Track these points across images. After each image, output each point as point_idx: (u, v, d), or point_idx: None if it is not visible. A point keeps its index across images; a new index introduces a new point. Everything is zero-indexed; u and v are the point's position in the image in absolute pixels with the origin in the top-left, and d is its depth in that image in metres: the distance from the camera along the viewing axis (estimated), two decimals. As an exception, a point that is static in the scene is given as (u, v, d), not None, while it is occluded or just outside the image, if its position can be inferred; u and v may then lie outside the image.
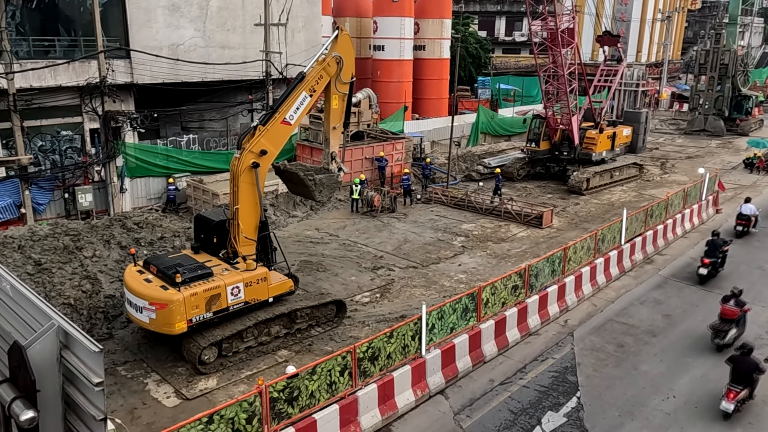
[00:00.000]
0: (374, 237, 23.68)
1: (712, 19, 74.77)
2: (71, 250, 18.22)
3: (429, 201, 28.42)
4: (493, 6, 71.66)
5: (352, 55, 17.04)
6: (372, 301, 18.10)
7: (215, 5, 27.71)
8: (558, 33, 28.11)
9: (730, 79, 48.39)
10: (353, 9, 48.80)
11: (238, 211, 15.04)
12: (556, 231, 24.81)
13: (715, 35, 49.15)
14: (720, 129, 48.19)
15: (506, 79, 55.93)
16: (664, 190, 29.06)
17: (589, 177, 30.47)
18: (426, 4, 46.82)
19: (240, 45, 28.72)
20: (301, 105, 15.74)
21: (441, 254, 21.99)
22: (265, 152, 15.07)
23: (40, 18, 23.82)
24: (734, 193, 30.88)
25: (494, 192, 27.83)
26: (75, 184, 24.69)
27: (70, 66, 23.67)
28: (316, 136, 29.00)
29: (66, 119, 24.59)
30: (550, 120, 31.11)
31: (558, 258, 17.88)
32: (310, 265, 20.38)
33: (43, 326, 4.90)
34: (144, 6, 25.58)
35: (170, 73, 26.07)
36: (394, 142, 31.10)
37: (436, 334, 13.95)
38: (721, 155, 41.10)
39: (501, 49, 69.11)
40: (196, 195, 25.52)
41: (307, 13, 31.36)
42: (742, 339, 15.10)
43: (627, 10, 60.57)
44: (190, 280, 13.95)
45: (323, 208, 26.51)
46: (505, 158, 34.91)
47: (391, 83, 43.58)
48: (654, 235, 22.49)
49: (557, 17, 27.85)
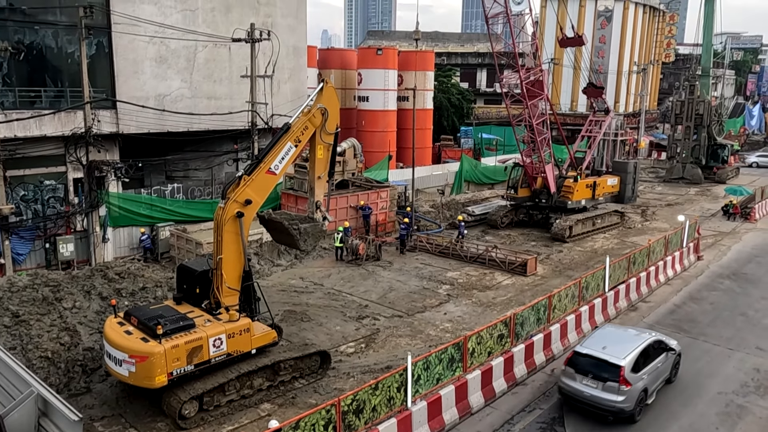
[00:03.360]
0: (359, 285, 23.55)
1: (685, 71, 77.29)
2: (50, 301, 17.86)
3: (414, 249, 28.46)
4: (474, 59, 73.64)
5: (336, 106, 17.32)
6: (357, 352, 17.87)
7: (202, 57, 28.20)
8: (524, 85, 28.97)
9: (705, 129, 49.82)
10: (338, 61, 49.96)
11: (221, 260, 14.94)
12: (540, 278, 24.87)
13: (689, 86, 50.83)
14: (698, 177, 49.28)
15: (488, 129, 57.01)
16: (646, 237, 29.42)
17: (571, 225, 30.80)
18: (409, 57, 48.08)
19: (226, 95, 29.12)
20: (286, 155, 15.88)
21: (426, 303, 21.88)
22: (250, 202, 15.10)
23: (27, 69, 24.03)
24: (714, 240, 31.32)
25: (457, 236, 28.79)
26: (56, 233, 24.44)
27: (56, 116, 23.77)
28: (301, 185, 29.15)
29: (50, 169, 24.52)
30: (528, 168, 31.68)
31: (543, 306, 17.88)
32: (294, 314, 20.15)
33: (22, 393, 4.77)
34: (132, 58, 25.95)
35: (156, 123, 26.27)
36: (378, 190, 31.33)
37: (422, 385, 13.76)
38: (700, 202, 41.86)
39: (483, 99, 70.72)
40: (180, 244, 25.33)
41: (293, 65, 32.01)
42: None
43: (604, 63, 62.51)
44: (172, 331, 13.72)
45: (308, 257, 26.41)
46: (488, 206, 35.27)
47: (376, 133, 44.27)
48: (637, 283, 22.63)
49: (521, 71, 28.75)
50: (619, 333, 15.93)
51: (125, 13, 24.86)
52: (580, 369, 14.50)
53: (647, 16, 69.15)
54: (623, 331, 16.18)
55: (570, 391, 14.60)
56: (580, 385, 14.38)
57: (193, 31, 27.02)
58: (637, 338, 15.21)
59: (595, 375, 14.18)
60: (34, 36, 23.88)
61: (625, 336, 15.50)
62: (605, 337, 15.31)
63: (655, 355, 15.11)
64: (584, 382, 14.32)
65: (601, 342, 14.97)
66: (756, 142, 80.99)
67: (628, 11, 64.40)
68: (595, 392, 14.12)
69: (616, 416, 14.09)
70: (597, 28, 63.39)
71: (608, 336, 15.46)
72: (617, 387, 13.83)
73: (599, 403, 14.09)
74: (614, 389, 13.87)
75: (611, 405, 13.95)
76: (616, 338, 15.28)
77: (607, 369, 14.07)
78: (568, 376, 14.72)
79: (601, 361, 14.24)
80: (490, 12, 28.01)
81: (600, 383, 14.07)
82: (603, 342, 14.95)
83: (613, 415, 14.08)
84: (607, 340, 15.06)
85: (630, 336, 15.47)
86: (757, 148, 75.50)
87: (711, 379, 16.50)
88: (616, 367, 13.99)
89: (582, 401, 14.42)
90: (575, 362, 14.67)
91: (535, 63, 29.87)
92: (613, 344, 14.79)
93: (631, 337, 15.38)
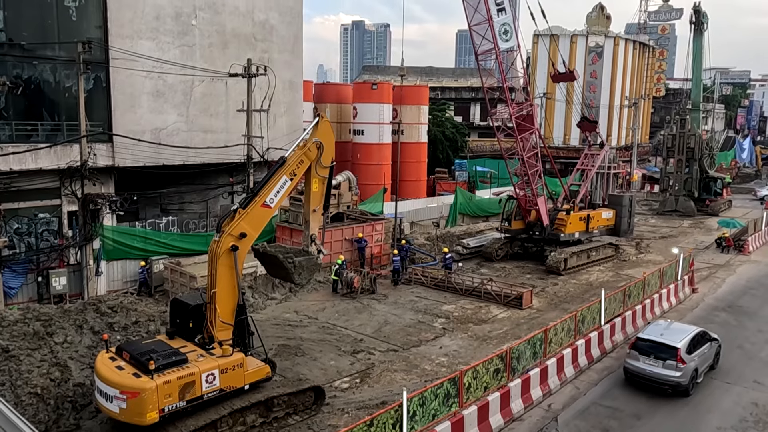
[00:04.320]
0: (354, 319, 23.39)
1: (676, 105, 78.64)
2: (41, 335, 17.64)
3: (409, 282, 28.37)
4: (468, 93, 74.69)
5: (332, 140, 17.46)
6: (351, 387, 17.64)
7: (199, 91, 28.50)
8: (515, 119, 29.36)
9: (697, 162, 50.37)
10: (334, 95, 50.61)
11: (215, 294, 14.84)
12: (536, 312, 24.77)
13: (680, 120, 51.51)
14: (691, 209, 49.61)
15: (482, 162, 57.52)
16: (641, 269, 29.43)
17: (566, 257, 30.83)
18: (404, 91, 48.72)
19: (222, 129, 29.34)
20: (281, 188, 15.93)
21: (422, 336, 21.72)
22: (245, 235, 15.08)
23: (24, 103, 24.20)
24: (709, 273, 31.36)
25: (444, 268, 28.90)
26: (49, 267, 24.29)
27: (52, 149, 23.86)
28: (296, 218, 29.16)
29: (44, 202, 24.51)
30: (522, 200, 31.87)
31: (539, 340, 17.77)
32: (289, 349, 19.94)
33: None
34: (129, 92, 26.20)
35: (152, 156, 26.40)
36: (373, 223, 31.37)
37: (417, 421, 13.56)
38: (693, 235, 42.04)
39: (477, 133, 71.49)
40: (173, 278, 25.18)
41: (289, 99, 32.36)
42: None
43: (596, 97, 63.52)
44: (164, 367, 13.54)
45: (302, 290, 26.26)
46: (483, 239, 35.33)
47: (371, 166, 44.54)
48: (633, 316, 22.55)
49: (512, 105, 29.17)
50: (671, 325, 19.11)
51: (123, 49, 25.20)
52: (643, 351, 17.45)
53: (637, 51, 70.57)
54: (674, 324, 19.37)
55: (634, 370, 17.56)
56: (643, 364, 17.34)
57: (190, 66, 27.35)
58: (686, 329, 18.52)
59: (656, 355, 17.16)
60: (33, 71, 24.14)
61: (677, 327, 18.77)
62: (660, 328, 18.46)
63: (702, 343, 18.08)
64: (647, 362, 17.29)
65: (658, 331, 18.12)
66: (747, 174, 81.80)
67: (619, 47, 65.75)
68: (657, 370, 17.08)
69: (674, 389, 16.93)
70: (588, 64, 64.61)
71: (662, 327, 18.63)
72: (675, 365, 16.85)
73: (660, 378, 17.00)
74: (673, 366, 16.89)
75: (670, 380, 16.91)
76: (669, 329, 18.47)
77: (665, 350, 17.06)
78: (632, 357, 17.67)
79: (661, 344, 17.26)
80: (480, 49, 28.60)
81: (660, 362, 17.03)
82: (659, 331, 18.10)
83: (672, 389, 16.94)
84: (663, 330, 18.23)
85: (681, 327, 18.88)
86: (748, 181, 76.29)
87: (709, 414, 16.33)
88: (673, 348, 17.00)
89: (645, 378, 17.31)
90: (638, 346, 17.67)
91: (526, 97, 30.30)
92: (668, 332, 17.99)
93: (681, 328, 18.75)
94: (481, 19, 27.92)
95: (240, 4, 29.77)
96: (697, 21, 57.32)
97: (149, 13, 26.52)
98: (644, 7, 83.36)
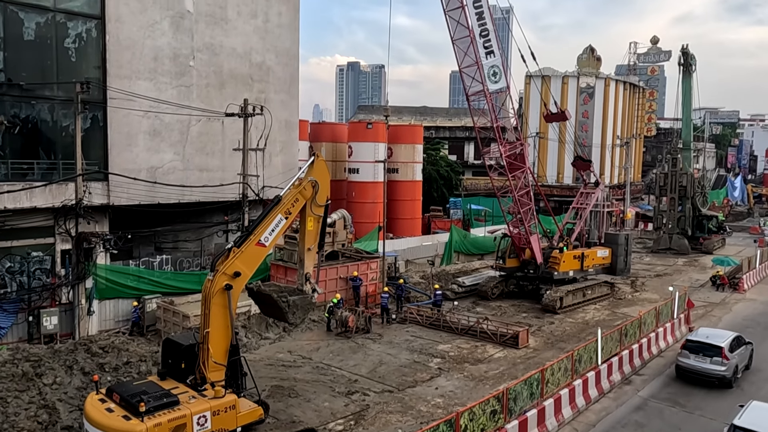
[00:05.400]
0: (349, 359, 23.11)
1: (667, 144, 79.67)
2: (30, 377, 17.35)
3: (404, 321, 28.15)
4: (461, 132, 75.59)
5: (327, 179, 17.57)
6: (346, 429, 17.31)
7: (196, 131, 28.73)
8: (506, 158, 29.66)
9: (689, 200, 50.79)
10: (329, 134, 51.14)
11: (208, 334, 14.69)
12: (532, 351, 24.55)
13: (671, 159, 52.17)
14: (685, 247, 49.78)
15: (477, 200, 57.77)
16: (637, 308, 29.33)
17: (562, 296, 30.72)
18: (399, 130, 49.27)
19: (218, 168, 29.47)
20: (276, 227, 15.96)
21: (417, 377, 21.44)
22: (239, 274, 15.02)
23: (21, 141, 24.26)
24: (705, 311, 31.27)
25: (433, 305, 29.10)
26: (41, 306, 24.01)
27: (47, 188, 23.86)
28: (290, 256, 29.06)
29: (38, 240, 24.38)
30: (516, 238, 31.92)
31: (536, 380, 17.57)
32: (282, 390, 19.62)
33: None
34: (126, 131, 26.38)
35: (147, 194, 26.42)
36: (368, 261, 31.29)
37: (413, 464, 13.28)
38: (688, 273, 42.06)
39: (471, 171, 72.04)
40: (166, 317, 24.91)
41: (285, 138, 32.63)
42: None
43: (588, 137, 64.34)
44: (155, 409, 13.29)
45: (296, 330, 25.99)
46: (478, 277, 35.23)
47: (366, 204, 44.64)
48: (630, 355, 22.37)
49: (503, 144, 29.52)
50: (713, 330, 23.28)
51: (121, 89, 25.48)
52: (693, 350, 21.15)
53: (628, 92, 71.90)
54: (716, 330, 23.61)
55: (686, 366, 21.21)
56: (693, 361, 21.04)
57: (187, 106, 27.64)
58: (726, 333, 22.30)
59: (704, 353, 20.80)
60: (31, 110, 24.31)
61: (719, 332, 22.67)
62: (705, 332, 22.29)
63: (739, 345, 21.64)
64: (696, 359, 20.96)
65: (704, 334, 21.95)
66: (740, 213, 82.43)
67: (609, 88, 66.97)
68: (705, 365, 20.73)
69: (720, 382, 20.51)
70: (580, 104, 65.68)
71: (707, 332, 22.45)
72: (720, 360, 20.48)
73: (707, 372, 20.65)
74: (719, 362, 20.53)
75: (716, 373, 20.53)
76: (713, 333, 22.25)
77: (712, 349, 20.75)
78: (684, 356, 21.38)
79: (708, 344, 20.93)
80: (470, 90, 29.11)
81: (708, 359, 20.67)
82: (705, 334, 21.92)
83: (718, 381, 20.51)
84: (708, 334, 21.97)
85: (721, 332, 22.69)
86: (741, 219, 76.82)
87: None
88: (718, 347, 20.68)
89: (695, 372, 20.99)
90: (688, 347, 21.44)
91: (517, 137, 30.67)
92: (712, 335, 21.76)
93: (722, 332, 22.51)
94: (471, 62, 28.51)
95: (238, 45, 30.29)
96: (685, 63, 58.65)
97: (148, 55, 26.91)
98: (633, 50, 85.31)
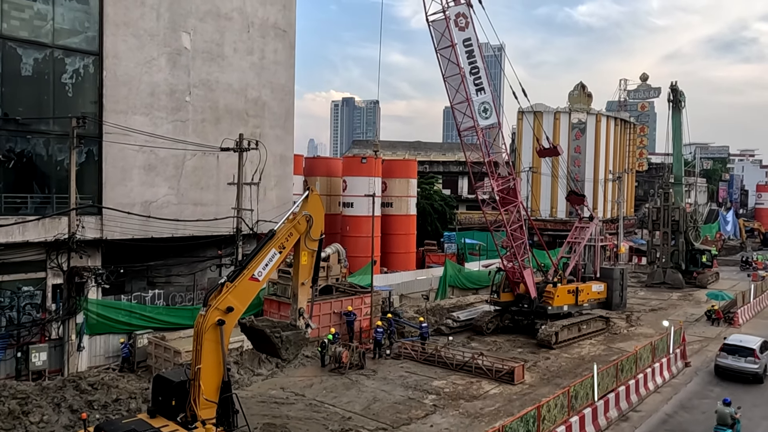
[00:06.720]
0: (342, 396, 22.77)
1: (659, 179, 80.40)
2: (17, 415, 17.01)
3: (399, 356, 27.85)
4: (455, 167, 76.15)
5: (321, 213, 17.58)
6: (339, 468, 16.95)
7: (191, 165, 28.82)
8: (498, 193, 29.85)
9: (682, 234, 51.00)
10: (324, 169, 51.47)
11: (199, 371, 14.46)
12: (528, 387, 24.27)
13: (663, 194, 52.59)
14: (679, 282, 49.79)
15: (471, 234, 57.86)
16: (632, 343, 29.16)
17: (557, 330, 30.52)
18: (393, 165, 49.68)
19: (213, 202, 29.49)
20: (270, 261, 15.88)
21: (412, 414, 21.11)
22: (232, 309, 14.88)
23: (15, 175, 24.26)
24: (701, 346, 31.10)
25: (420, 337, 29.20)
26: (30, 342, 23.64)
27: (40, 222, 23.76)
28: (284, 291, 28.89)
29: (29, 275, 24.15)
30: (510, 272, 31.87)
31: (532, 417, 17.32)
32: (274, 428, 19.26)
33: None
34: (121, 166, 26.44)
35: (141, 229, 26.34)
36: (362, 296, 31.11)
37: (407, 505, 12.98)
38: (683, 307, 41.97)
39: (465, 205, 72.37)
40: (158, 353, 24.56)
41: (280, 173, 32.77)
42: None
43: (580, 171, 64.89)
44: (144, 448, 13.00)
45: (290, 366, 25.65)
46: (473, 311, 35.02)
47: (360, 238, 44.63)
48: (627, 391, 22.14)
49: (495, 179, 29.74)
50: (744, 336, 27.61)
51: (117, 124, 25.63)
52: (729, 352, 25.21)
53: (619, 127, 72.90)
54: (747, 335, 27.70)
55: (724, 365, 25.23)
56: (730, 361, 25.11)
57: (182, 141, 27.81)
58: (755, 338, 26.19)
59: (740, 354, 24.95)
60: (26, 144, 24.37)
61: (749, 337, 26.69)
62: (738, 338, 26.49)
63: (766, 348, 25.44)
64: (733, 359, 25.04)
65: (738, 339, 26.30)
66: (733, 247, 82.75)
67: (601, 123, 67.90)
68: (740, 364, 24.83)
69: (753, 377, 24.57)
70: (572, 139, 66.46)
71: (740, 337, 26.79)
72: (753, 360, 24.60)
73: (742, 370, 24.77)
74: (752, 361, 24.62)
75: (750, 370, 24.65)
76: (744, 338, 26.55)
77: (745, 351, 24.97)
78: (722, 357, 25.43)
79: (742, 346, 25.20)
80: (462, 126, 29.50)
81: (742, 359, 24.79)
82: (738, 339, 26.26)
83: (752, 377, 24.58)
84: (741, 339, 26.31)
85: (752, 337, 26.60)
86: (734, 253, 77.07)
87: None
88: (751, 349, 24.95)
89: (731, 370, 25.01)
90: (725, 349, 25.49)
91: (509, 171, 30.90)
92: (745, 340, 25.99)
93: (752, 338, 26.51)
94: (462, 99, 28.94)
95: (234, 81, 30.65)
96: (674, 99, 59.68)
97: (144, 90, 27.17)
98: (624, 86, 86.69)
